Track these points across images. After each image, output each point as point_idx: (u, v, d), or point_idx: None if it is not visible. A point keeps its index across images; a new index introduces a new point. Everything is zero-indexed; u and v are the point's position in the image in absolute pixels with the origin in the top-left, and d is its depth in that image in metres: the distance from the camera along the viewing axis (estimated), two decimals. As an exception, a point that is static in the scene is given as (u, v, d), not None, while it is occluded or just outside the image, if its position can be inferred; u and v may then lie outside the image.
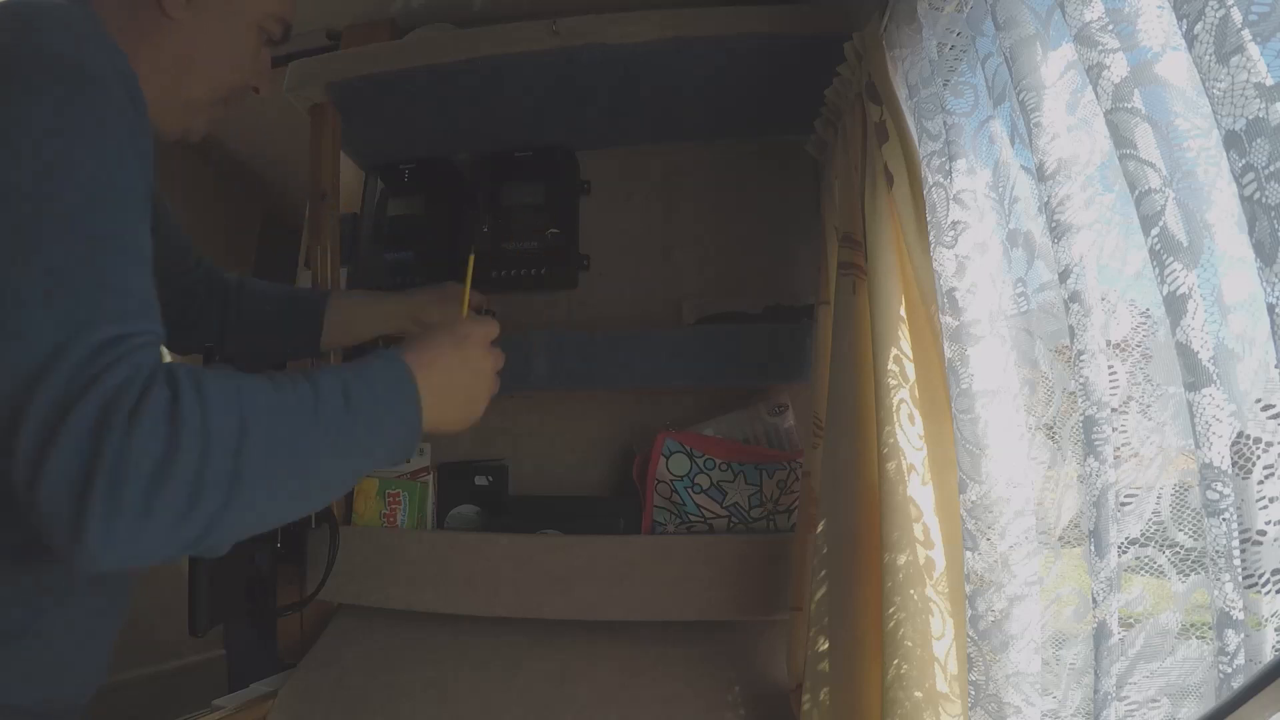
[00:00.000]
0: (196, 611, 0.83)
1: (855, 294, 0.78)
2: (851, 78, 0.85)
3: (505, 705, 0.99)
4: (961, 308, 0.60)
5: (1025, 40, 0.50)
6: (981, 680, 0.56)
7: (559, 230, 1.20)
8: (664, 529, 1.06)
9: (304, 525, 1.07)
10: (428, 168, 1.26)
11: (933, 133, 0.65)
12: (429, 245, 1.23)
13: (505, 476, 1.17)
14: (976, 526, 0.57)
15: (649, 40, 1.03)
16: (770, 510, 1.06)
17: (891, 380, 0.68)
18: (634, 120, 1.19)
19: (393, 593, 1.07)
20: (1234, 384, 0.35)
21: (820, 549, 0.78)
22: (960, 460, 0.59)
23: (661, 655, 1.01)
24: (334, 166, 1.16)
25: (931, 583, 0.64)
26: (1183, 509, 0.42)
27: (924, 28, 0.66)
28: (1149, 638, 0.43)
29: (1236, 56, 0.32)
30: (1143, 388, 0.44)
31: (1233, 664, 0.36)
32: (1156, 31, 0.40)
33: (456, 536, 1.10)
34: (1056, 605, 0.53)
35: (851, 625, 0.73)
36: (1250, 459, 0.34)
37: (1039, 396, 0.54)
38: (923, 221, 0.66)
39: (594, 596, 1.01)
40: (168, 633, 1.59)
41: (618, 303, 1.20)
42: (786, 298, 1.14)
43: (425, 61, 1.09)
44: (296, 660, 1.09)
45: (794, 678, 0.95)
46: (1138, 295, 0.44)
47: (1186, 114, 0.38)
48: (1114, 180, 0.44)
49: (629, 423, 1.15)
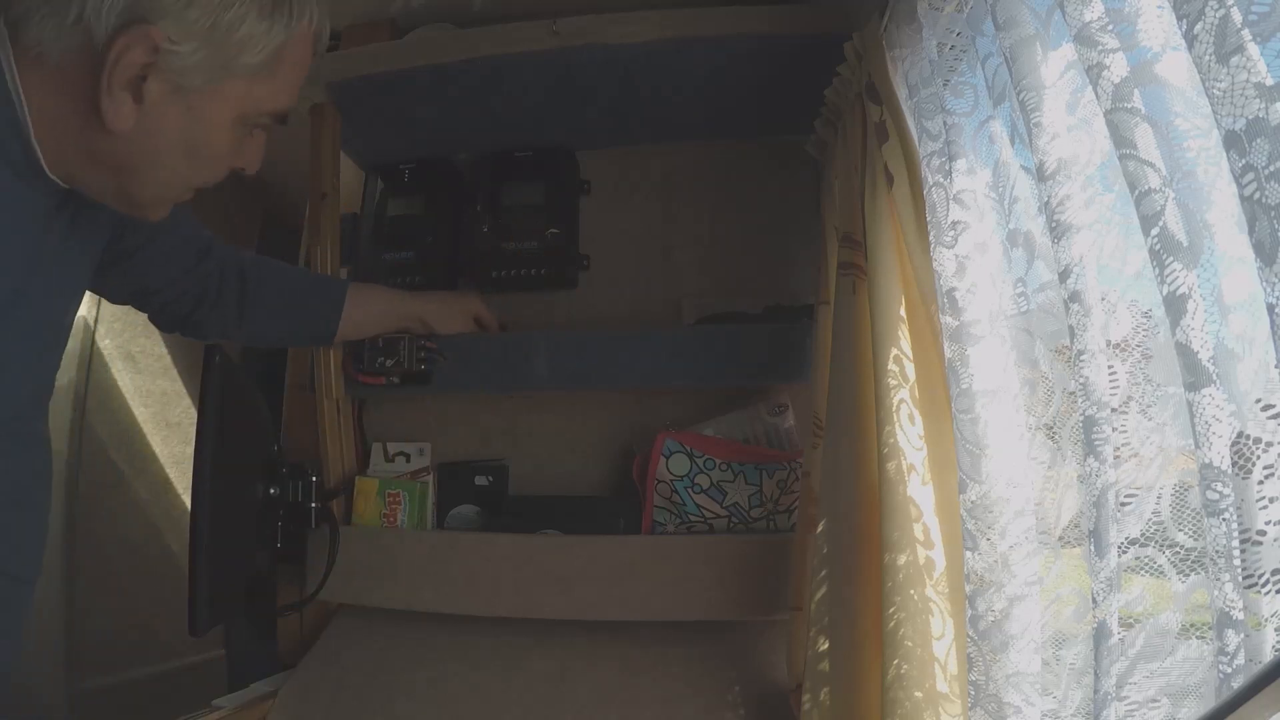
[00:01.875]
0: (196, 611, 0.83)
1: (855, 294, 0.78)
2: (851, 78, 0.85)
3: (505, 705, 0.99)
4: (961, 308, 0.60)
5: (1025, 40, 0.50)
6: (981, 680, 0.56)
7: (559, 230, 1.20)
8: (664, 529, 1.06)
9: (304, 525, 1.07)
10: (428, 168, 1.26)
11: (933, 133, 0.65)
12: (429, 245, 1.23)
13: (505, 476, 1.17)
14: (976, 526, 0.57)
15: (649, 40, 1.03)
16: (770, 510, 1.06)
17: (891, 380, 0.68)
18: (634, 120, 1.19)
19: (393, 593, 1.07)
20: (1234, 384, 0.35)
21: (820, 549, 0.78)
22: (960, 460, 0.59)
23: (661, 655, 1.01)
24: (334, 166, 1.16)
25: (931, 583, 0.64)
26: (1183, 509, 0.42)
27: (924, 28, 0.66)
28: (1149, 638, 0.43)
29: (1236, 56, 0.32)
30: (1143, 388, 0.44)
31: (1233, 664, 0.36)
32: (1156, 31, 0.40)
33: (456, 536, 1.10)
34: (1056, 605, 0.53)
35: (851, 625, 0.73)
36: (1250, 459, 0.34)
37: (1039, 396, 0.54)
38: (923, 221, 0.66)
39: (594, 596, 1.01)
40: (168, 633, 1.60)
41: (618, 303, 1.20)
42: (786, 298, 1.14)
43: (425, 61, 1.09)
44: (296, 660, 1.09)
45: (794, 678, 0.95)
46: (1138, 295, 0.44)
47: (1186, 114, 0.38)
48: (1114, 180, 0.44)
49: (629, 423, 1.15)
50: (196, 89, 0.57)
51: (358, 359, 1.10)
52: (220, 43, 0.56)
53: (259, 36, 0.57)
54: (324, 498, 1.09)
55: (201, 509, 0.84)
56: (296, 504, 1.06)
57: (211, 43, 0.56)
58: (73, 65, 0.54)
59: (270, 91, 0.61)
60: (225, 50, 0.57)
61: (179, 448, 1.80)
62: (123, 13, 0.53)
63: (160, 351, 1.81)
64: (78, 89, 0.55)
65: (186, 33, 0.54)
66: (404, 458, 1.18)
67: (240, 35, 0.56)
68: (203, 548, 0.84)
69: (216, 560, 0.86)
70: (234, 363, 0.93)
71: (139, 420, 1.76)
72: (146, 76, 0.55)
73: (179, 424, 1.81)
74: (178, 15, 0.54)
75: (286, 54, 0.60)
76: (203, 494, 0.84)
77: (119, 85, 0.54)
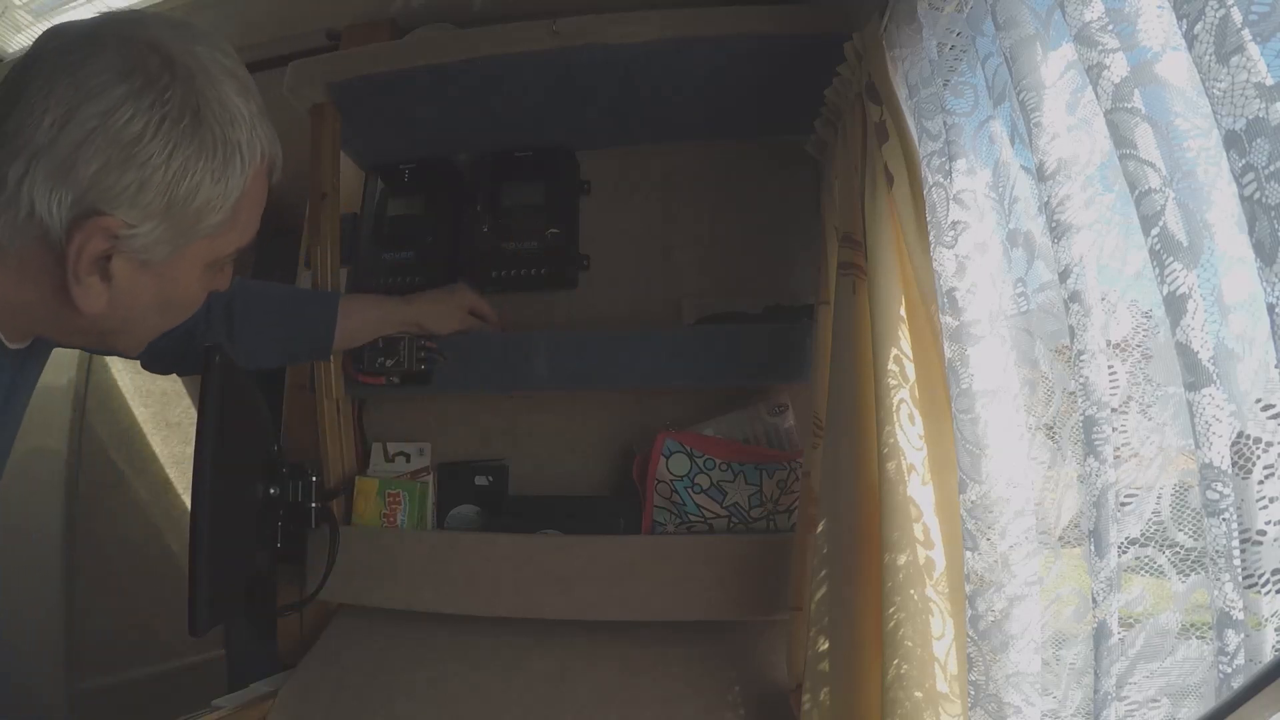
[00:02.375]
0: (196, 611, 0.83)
1: (855, 294, 0.78)
2: (851, 78, 0.85)
3: (505, 705, 0.99)
4: (961, 308, 0.60)
5: (1025, 40, 0.50)
6: (981, 680, 0.56)
7: (559, 230, 1.20)
8: (664, 529, 1.06)
9: (304, 525, 1.07)
10: (428, 168, 1.26)
11: (933, 133, 0.65)
12: (429, 245, 1.23)
13: (505, 476, 1.17)
14: (976, 526, 0.57)
15: (649, 40, 1.03)
16: (770, 510, 1.06)
17: (891, 380, 0.68)
18: (634, 120, 1.19)
19: (393, 593, 1.07)
20: (1234, 384, 0.35)
21: (820, 549, 0.78)
22: (960, 460, 0.59)
23: (661, 655, 1.01)
24: (334, 166, 1.16)
25: (931, 583, 0.64)
26: (1183, 509, 0.42)
27: (924, 28, 0.66)
28: (1149, 638, 0.43)
29: (1236, 56, 0.32)
30: (1143, 388, 0.44)
31: (1233, 664, 0.36)
32: (1156, 31, 0.40)
33: (456, 536, 1.10)
34: (1056, 605, 0.53)
35: (851, 625, 0.73)
36: (1250, 459, 0.34)
37: (1039, 396, 0.54)
38: (923, 221, 0.66)
39: (594, 596, 1.01)
40: (168, 633, 1.60)
41: (618, 303, 1.20)
42: (786, 298, 1.14)
43: (425, 61, 1.09)
44: (296, 660, 1.09)
45: (794, 678, 0.95)
46: (1138, 295, 0.44)
47: (1186, 114, 0.38)
48: (1114, 180, 0.44)
49: (629, 423, 1.15)
50: (162, 259, 0.56)
51: (358, 359, 1.10)
52: (179, 215, 0.55)
53: (216, 199, 0.56)
54: (324, 498, 1.09)
55: (201, 509, 0.84)
56: (296, 504, 1.06)
57: (170, 217, 0.54)
58: (34, 255, 0.53)
59: (235, 236, 0.61)
60: (184, 220, 0.55)
61: (179, 448, 1.80)
62: (73, 207, 0.51)
63: (160, 352, 1.80)
64: (42, 275, 0.54)
65: (143, 215, 0.53)
66: (404, 458, 1.18)
67: (198, 204, 0.55)
68: (203, 548, 0.83)
69: (216, 560, 0.86)
70: (234, 363, 0.93)
71: (139, 420, 1.76)
72: (111, 257, 0.54)
73: (179, 424, 1.81)
74: (131, 201, 0.52)
75: (244, 200, 0.59)
76: (203, 494, 0.84)
77: (85, 271, 0.53)
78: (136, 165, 0.52)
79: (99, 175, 0.51)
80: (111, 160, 0.51)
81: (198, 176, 0.54)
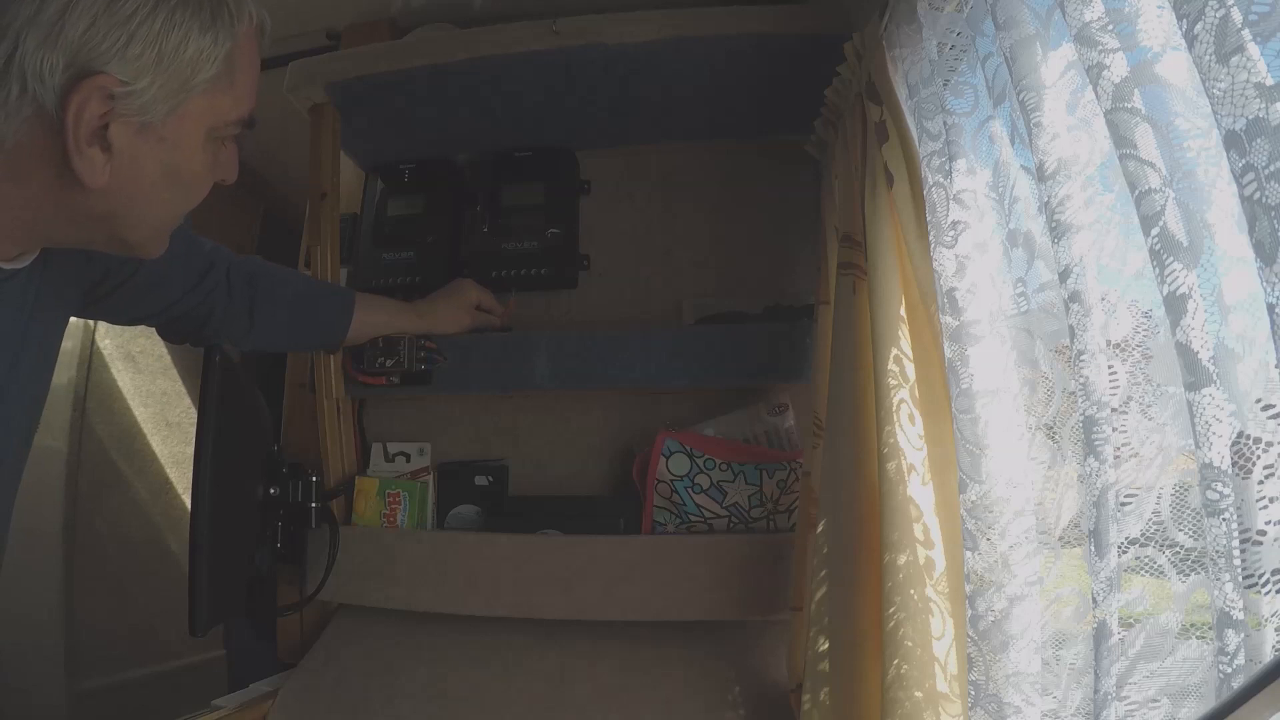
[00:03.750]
0: (196, 611, 0.83)
1: (855, 294, 0.78)
2: (851, 78, 0.85)
3: (505, 705, 0.99)
4: (961, 308, 0.60)
5: (1025, 40, 0.50)
6: (981, 680, 0.56)
7: (559, 230, 1.20)
8: (664, 529, 1.06)
9: (304, 525, 1.07)
10: (428, 168, 1.26)
11: (933, 133, 0.65)
12: (429, 245, 1.23)
13: (505, 476, 1.17)
14: (976, 526, 0.57)
15: (649, 40, 1.03)
16: (770, 510, 1.06)
17: (891, 380, 0.68)
18: (634, 120, 1.19)
19: (393, 593, 1.07)
20: (1234, 384, 0.35)
21: (820, 549, 0.79)
22: (960, 460, 0.59)
23: (661, 655, 1.01)
24: (334, 166, 1.16)
25: (931, 583, 0.64)
26: (1183, 509, 0.42)
27: (924, 28, 0.66)
28: (1149, 638, 0.43)
29: (1236, 56, 0.32)
30: (1143, 388, 0.44)
31: (1233, 664, 0.36)
32: (1156, 31, 0.40)
33: (456, 536, 1.10)
34: (1056, 605, 0.53)
35: (851, 625, 0.73)
36: (1250, 459, 0.34)
37: (1039, 396, 0.54)
38: (923, 221, 0.66)
39: (594, 596, 1.01)
40: (168, 633, 1.60)
41: (618, 303, 1.20)
42: (786, 298, 1.14)
43: (425, 61, 1.09)
44: (296, 660, 1.09)
45: (794, 678, 0.95)
46: (1138, 295, 0.44)
47: (1186, 114, 0.38)
48: (1114, 180, 0.44)
49: (629, 423, 1.15)
50: (162, 119, 0.56)
51: (358, 359, 1.10)
52: (171, 68, 0.55)
53: (207, 50, 0.57)
54: (324, 498, 1.09)
55: (201, 509, 0.84)
56: (296, 504, 1.06)
57: (163, 71, 0.55)
58: (28, 140, 0.53)
59: (232, 100, 0.61)
60: (179, 73, 0.56)
61: (179, 448, 1.80)
62: (66, 70, 0.51)
63: (160, 351, 1.81)
64: (42, 160, 0.54)
65: (136, 70, 0.53)
66: (404, 458, 1.18)
67: (189, 55, 0.56)
68: (203, 548, 0.84)
69: (216, 560, 0.86)
70: (234, 363, 0.93)
71: (139, 420, 1.76)
72: (109, 124, 0.54)
73: (179, 424, 1.81)
74: (121, 56, 0.52)
75: (237, 58, 0.59)
76: (203, 494, 0.84)
77: (85, 142, 0.53)
78: (123, 19, 0.52)
79: (88, 35, 0.51)
80: (98, 18, 0.51)
81: (185, 26, 0.55)
